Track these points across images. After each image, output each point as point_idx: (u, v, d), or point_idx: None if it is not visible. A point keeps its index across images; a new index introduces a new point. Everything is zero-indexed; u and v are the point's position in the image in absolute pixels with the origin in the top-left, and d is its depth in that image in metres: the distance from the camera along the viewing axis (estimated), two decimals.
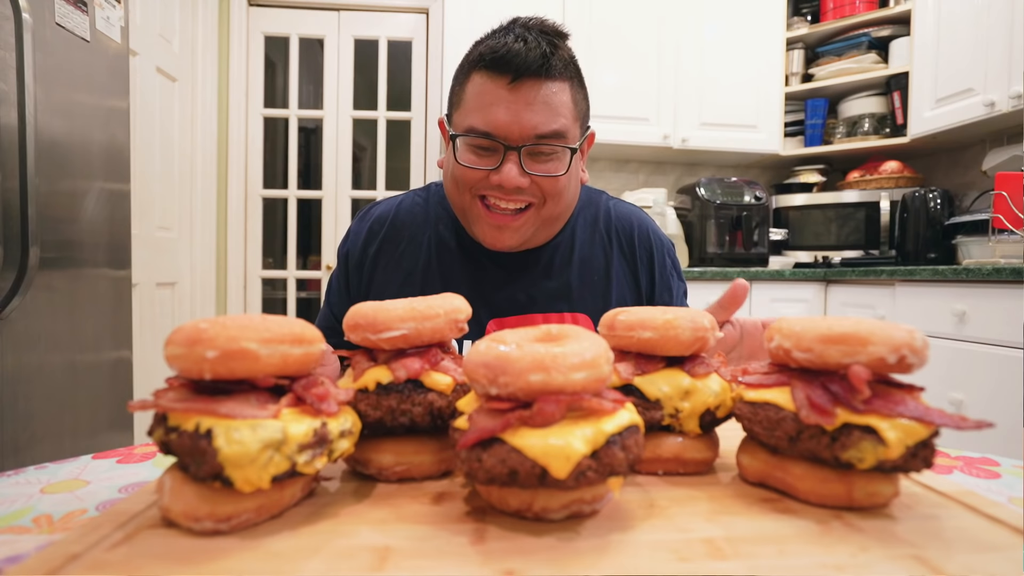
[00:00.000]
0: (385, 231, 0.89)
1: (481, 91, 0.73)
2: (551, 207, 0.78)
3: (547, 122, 0.72)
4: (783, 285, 2.40)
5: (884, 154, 2.75)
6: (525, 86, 0.71)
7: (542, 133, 0.72)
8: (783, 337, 0.41)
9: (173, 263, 2.49)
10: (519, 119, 0.72)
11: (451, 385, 0.44)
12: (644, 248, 0.91)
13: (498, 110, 0.72)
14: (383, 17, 2.91)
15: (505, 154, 0.73)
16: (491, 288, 0.85)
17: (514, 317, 0.84)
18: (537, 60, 0.71)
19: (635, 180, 3.08)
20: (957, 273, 1.82)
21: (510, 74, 0.71)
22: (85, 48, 1.40)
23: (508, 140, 0.72)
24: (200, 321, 0.35)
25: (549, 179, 0.75)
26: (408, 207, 0.92)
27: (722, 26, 2.72)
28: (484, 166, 0.74)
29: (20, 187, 1.17)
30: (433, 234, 0.89)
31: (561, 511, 0.36)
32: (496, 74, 0.72)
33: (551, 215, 0.80)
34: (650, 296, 0.91)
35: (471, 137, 0.74)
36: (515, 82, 0.71)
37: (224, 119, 2.80)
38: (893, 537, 0.35)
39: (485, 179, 0.75)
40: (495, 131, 0.72)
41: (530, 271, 0.86)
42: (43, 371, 1.30)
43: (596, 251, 0.89)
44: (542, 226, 0.81)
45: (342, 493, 0.41)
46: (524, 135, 0.72)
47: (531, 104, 0.72)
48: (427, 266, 0.87)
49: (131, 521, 0.35)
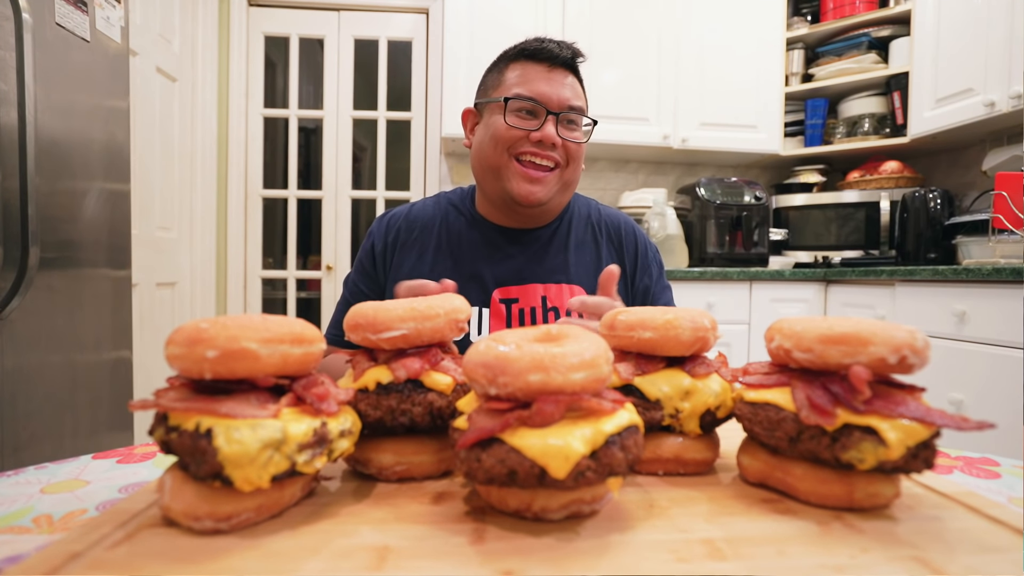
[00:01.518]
0: (400, 223, 1.03)
1: (524, 71, 0.92)
2: (570, 172, 0.94)
3: (574, 98, 0.92)
4: (783, 285, 2.40)
5: (884, 154, 2.74)
6: (559, 72, 0.92)
7: (572, 105, 0.91)
8: (783, 337, 0.41)
9: (173, 263, 2.49)
10: (558, 92, 0.90)
11: (451, 385, 0.44)
12: (629, 238, 1.05)
13: (540, 84, 0.90)
14: (383, 17, 2.91)
15: (546, 117, 0.90)
16: (498, 259, 0.98)
17: (516, 287, 0.96)
18: (568, 58, 0.92)
19: (635, 180, 3.08)
20: (957, 273, 1.82)
21: (548, 62, 0.91)
22: (85, 48, 1.40)
23: (549, 106, 0.90)
24: (200, 321, 0.35)
25: (574, 144, 0.92)
26: (420, 207, 1.05)
27: (722, 26, 2.72)
28: (527, 127, 0.90)
29: (20, 187, 1.17)
30: (443, 222, 1.01)
31: (560, 511, 0.36)
32: (536, 62, 0.92)
33: (569, 179, 0.95)
34: (632, 278, 1.04)
35: (520, 101, 0.90)
36: (552, 68, 0.92)
37: (224, 119, 2.80)
38: (893, 538, 0.35)
39: (525, 138, 0.90)
40: (539, 97, 0.90)
41: (532, 247, 0.99)
42: (43, 371, 1.30)
43: (588, 239, 1.04)
44: (560, 189, 0.95)
45: (342, 493, 0.41)
46: (561, 104, 0.90)
47: (564, 84, 0.92)
48: (437, 246, 0.99)
49: (131, 520, 0.35)
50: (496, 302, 0.94)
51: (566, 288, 0.96)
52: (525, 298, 0.94)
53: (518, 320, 0.94)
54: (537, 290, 0.95)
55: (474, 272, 0.95)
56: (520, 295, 0.95)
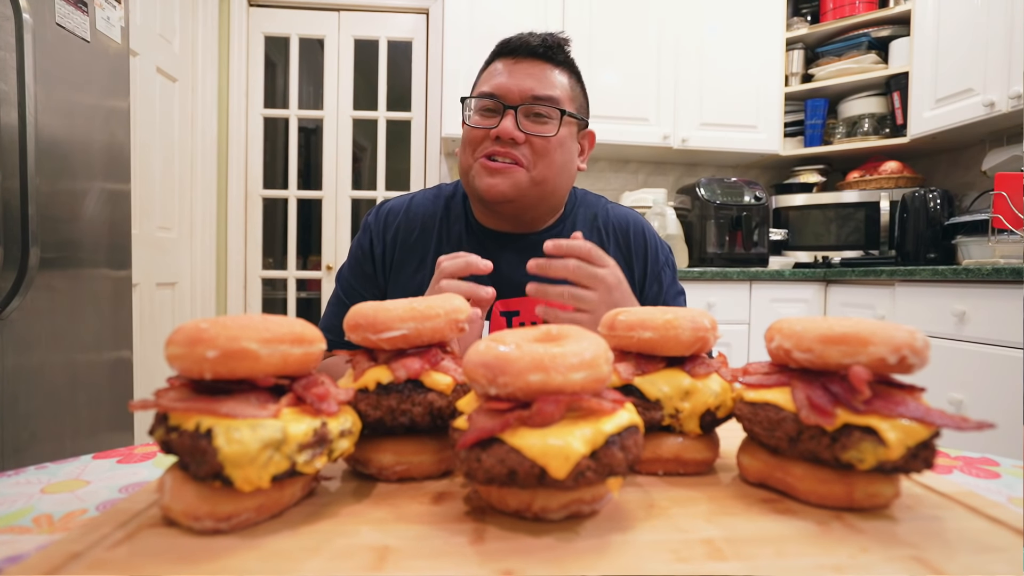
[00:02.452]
0: (400, 220, 0.98)
1: (492, 68, 0.88)
2: (542, 168, 0.87)
3: (541, 87, 0.85)
4: (783, 285, 2.40)
5: (884, 154, 2.74)
6: (526, 61, 0.86)
7: (537, 95, 0.84)
8: (783, 337, 0.41)
9: (173, 263, 2.49)
10: (518, 83, 0.85)
11: (451, 385, 0.44)
12: (639, 241, 0.99)
13: (501, 77, 0.86)
14: (383, 17, 2.91)
15: (504, 111, 0.84)
16: (499, 269, 0.95)
17: (516, 299, 0.92)
18: (538, 46, 0.86)
19: (635, 180, 3.08)
20: (957, 273, 1.82)
21: (514, 54, 0.87)
22: (85, 48, 1.40)
23: (507, 100, 0.85)
24: (200, 321, 0.35)
25: (540, 139, 0.85)
26: (420, 201, 1.00)
27: (722, 26, 2.72)
28: (487, 125, 0.85)
29: (20, 187, 1.17)
30: (444, 222, 0.97)
31: (560, 511, 0.36)
32: (506, 56, 0.88)
33: (543, 177, 0.87)
34: (641, 285, 0.97)
35: (479, 99, 0.87)
36: (517, 60, 0.86)
37: (224, 119, 2.80)
38: (893, 538, 0.35)
39: (487, 136, 0.85)
40: (496, 90, 0.85)
41: (531, 254, 0.95)
42: (43, 371, 1.30)
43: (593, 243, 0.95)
44: (534, 189, 0.88)
45: (342, 493, 0.41)
46: (522, 96, 0.84)
47: (530, 74, 0.85)
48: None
49: (132, 520, 0.35)
50: (497, 315, 0.92)
51: None
52: (527, 310, 0.92)
53: None
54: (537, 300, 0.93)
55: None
56: (521, 307, 0.92)
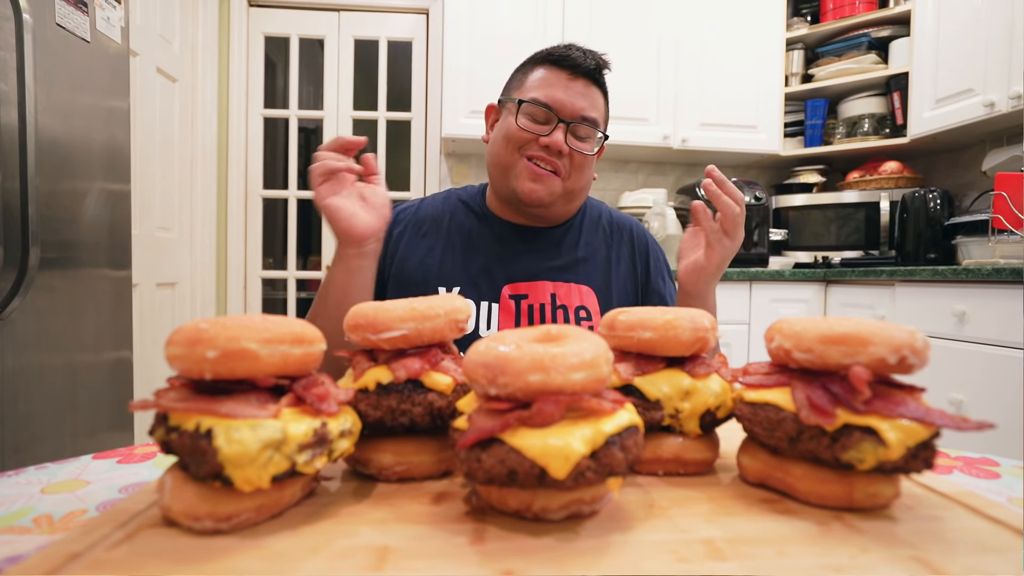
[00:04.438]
0: (409, 219, 1.02)
1: (545, 76, 0.92)
2: (575, 180, 0.94)
3: (590, 109, 0.92)
4: (783, 285, 2.40)
5: (884, 154, 2.74)
6: (579, 82, 0.92)
7: (586, 116, 0.92)
8: (783, 337, 0.41)
9: (173, 263, 2.49)
10: (573, 101, 0.91)
11: (451, 385, 0.44)
12: (641, 242, 1.07)
13: (558, 91, 0.91)
14: (383, 17, 2.91)
15: (557, 124, 0.90)
16: (509, 255, 0.99)
17: (526, 283, 0.96)
18: (591, 68, 0.93)
19: (635, 180, 3.08)
20: (957, 273, 1.82)
21: (569, 70, 0.92)
22: (85, 48, 1.40)
23: (561, 114, 0.90)
24: (200, 321, 0.35)
25: (581, 155, 0.92)
26: (429, 202, 1.05)
27: (722, 26, 2.72)
28: (538, 132, 0.91)
29: (20, 187, 1.17)
30: (453, 217, 1.01)
31: (560, 511, 0.36)
32: (559, 68, 0.92)
33: (573, 188, 0.95)
34: (645, 281, 1.04)
35: (534, 105, 0.91)
36: (573, 77, 0.92)
37: (224, 119, 2.80)
38: (893, 538, 0.35)
39: (535, 141, 0.91)
40: (553, 104, 0.90)
41: (543, 245, 1.00)
42: (43, 371, 1.30)
43: (599, 241, 1.04)
44: (564, 197, 0.95)
45: (342, 493, 0.41)
46: (574, 114, 0.91)
47: (583, 94, 0.92)
48: (448, 240, 0.99)
49: (132, 520, 0.35)
50: (506, 298, 0.94)
51: (575, 288, 0.97)
52: (535, 294, 0.95)
53: (527, 316, 0.94)
54: (547, 287, 0.95)
55: (485, 267, 0.95)
56: (530, 291, 0.95)
